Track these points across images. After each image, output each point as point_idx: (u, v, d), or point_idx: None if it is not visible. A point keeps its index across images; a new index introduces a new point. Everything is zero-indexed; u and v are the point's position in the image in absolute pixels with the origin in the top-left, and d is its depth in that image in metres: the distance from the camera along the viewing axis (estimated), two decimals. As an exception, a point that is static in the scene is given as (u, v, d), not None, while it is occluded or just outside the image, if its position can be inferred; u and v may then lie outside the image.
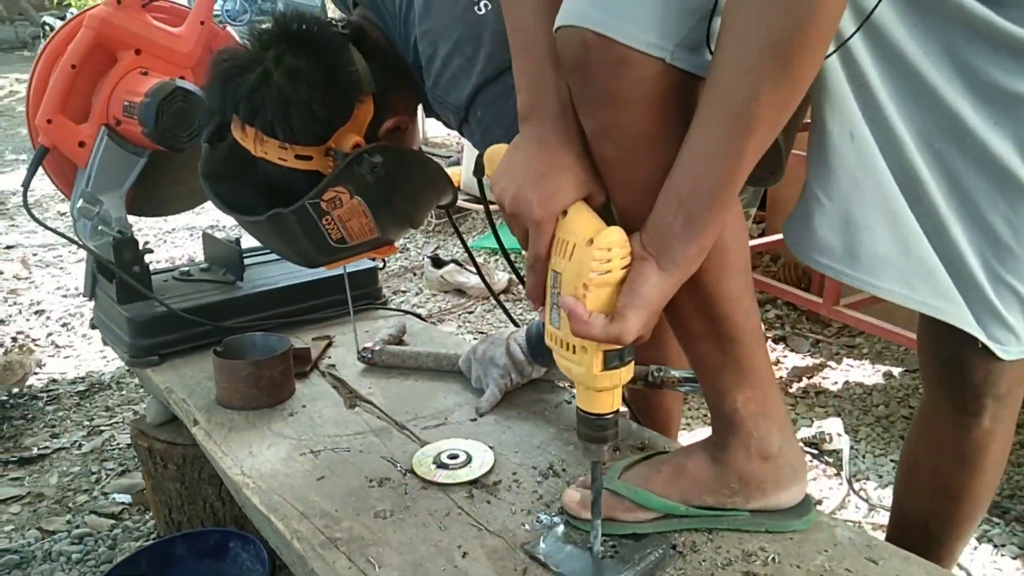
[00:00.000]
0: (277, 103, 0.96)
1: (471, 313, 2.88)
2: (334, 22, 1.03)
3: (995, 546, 1.57)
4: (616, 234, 0.73)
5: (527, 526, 0.94)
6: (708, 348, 0.85)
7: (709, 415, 0.94)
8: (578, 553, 0.88)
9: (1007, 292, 0.84)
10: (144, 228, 4.06)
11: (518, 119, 0.78)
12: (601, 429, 0.79)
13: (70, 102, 1.49)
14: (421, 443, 1.14)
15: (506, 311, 1.46)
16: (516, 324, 1.37)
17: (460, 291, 3.03)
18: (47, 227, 1.50)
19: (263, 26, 1.01)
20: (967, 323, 0.85)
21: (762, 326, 0.88)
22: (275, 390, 1.26)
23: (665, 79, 0.70)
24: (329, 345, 1.50)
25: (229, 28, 1.68)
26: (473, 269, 3.07)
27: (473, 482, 1.03)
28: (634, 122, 0.72)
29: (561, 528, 0.93)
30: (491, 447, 1.11)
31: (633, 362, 0.78)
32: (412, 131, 1.12)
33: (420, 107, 1.15)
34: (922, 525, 1.04)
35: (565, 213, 0.76)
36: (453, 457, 1.08)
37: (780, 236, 2.16)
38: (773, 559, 0.87)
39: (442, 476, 1.04)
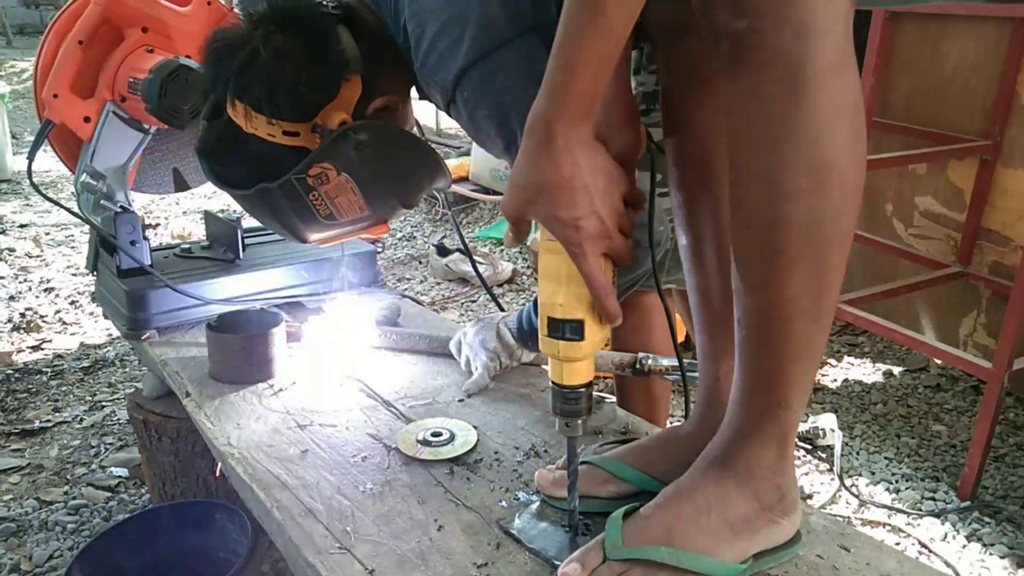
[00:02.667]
0: (264, 81, 0.98)
1: (474, 302, 2.88)
2: (325, 3, 1.04)
3: (984, 545, 1.57)
4: None
5: (504, 503, 0.95)
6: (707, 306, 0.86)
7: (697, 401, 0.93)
8: (552, 530, 0.89)
9: None
10: (173, 209, 4.10)
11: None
12: (573, 402, 0.80)
13: (76, 78, 1.51)
14: (407, 421, 1.15)
15: (496, 301, 1.47)
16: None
17: (464, 280, 3.04)
18: (47, 197, 1.52)
19: (256, 6, 1.03)
20: None
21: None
22: (266, 365, 1.27)
23: None
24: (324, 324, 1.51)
25: (236, 9, 1.69)
26: (476, 258, 3.08)
27: (455, 459, 1.04)
28: None
29: (537, 505, 0.93)
30: (475, 427, 1.12)
31: (597, 340, 0.78)
32: (404, 112, 1.12)
33: (414, 90, 1.16)
34: None
35: None
36: (437, 435, 1.09)
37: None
38: (745, 542, 0.87)
39: (424, 453, 1.05)
